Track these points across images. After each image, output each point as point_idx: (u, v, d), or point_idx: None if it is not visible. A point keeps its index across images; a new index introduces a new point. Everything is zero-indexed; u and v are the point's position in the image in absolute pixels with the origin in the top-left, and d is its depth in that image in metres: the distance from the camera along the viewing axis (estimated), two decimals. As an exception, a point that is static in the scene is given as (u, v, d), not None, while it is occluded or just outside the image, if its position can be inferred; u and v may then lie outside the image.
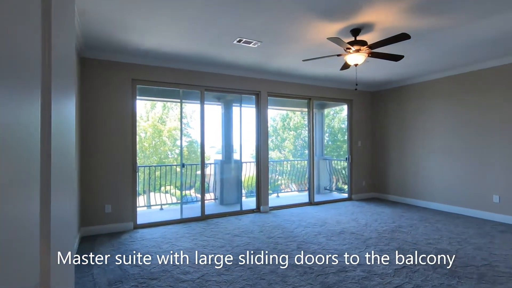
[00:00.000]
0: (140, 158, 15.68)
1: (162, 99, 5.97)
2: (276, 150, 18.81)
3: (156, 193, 7.62)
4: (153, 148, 16.19)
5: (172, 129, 16.43)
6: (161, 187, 8.74)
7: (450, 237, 3.74)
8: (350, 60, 3.21)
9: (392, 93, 6.16)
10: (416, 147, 5.66)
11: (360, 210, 5.28)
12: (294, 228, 4.18)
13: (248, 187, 7.39)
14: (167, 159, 16.46)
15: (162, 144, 16.27)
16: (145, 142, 15.86)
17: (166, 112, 16.94)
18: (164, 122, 16.33)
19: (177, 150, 16.63)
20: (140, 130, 15.91)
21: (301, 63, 4.52)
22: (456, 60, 4.42)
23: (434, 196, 5.35)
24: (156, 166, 9.07)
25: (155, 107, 16.58)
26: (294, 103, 7.61)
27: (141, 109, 16.51)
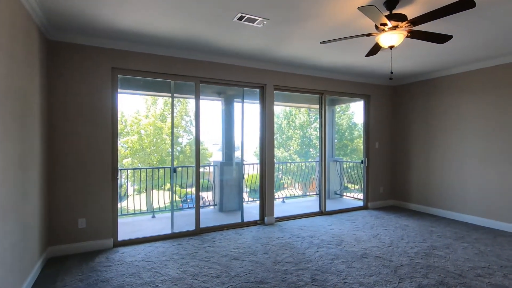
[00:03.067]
0: (140, 157, 15.08)
1: (150, 93, 5.27)
2: (281, 148, 18.12)
3: (148, 196, 6.98)
4: (154, 146, 15.59)
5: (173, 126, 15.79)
6: (153, 191, 8.09)
7: (502, 265, 3.01)
8: (384, 41, 2.47)
9: (417, 88, 5.39)
10: (445, 150, 4.90)
11: (380, 223, 4.55)
12: (306, 249, 3.47)
13: (250, 186, 6.72)
14: (168, 157, 15.86)
15: (163, 142, 15.65)
16: (146, 140, 15.26)
17: (168, 108, 16.29)
18: (166, 119, 15.71)
19: (179, 147, 16.01)
20: (140, 128, 15.30)
21: (315, 50, 3.78)
22: (507, 46, 3.64)
23: (466, 207, 4.60)
24: (147, 169, 8.39)
25: (156, 104, 15.96)
26: (301, 99, 6.89)
27: (141, 105, 15.87)
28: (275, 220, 4.65)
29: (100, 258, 3.19)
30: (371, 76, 5.36)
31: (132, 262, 3.07)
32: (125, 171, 7.09)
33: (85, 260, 3.13)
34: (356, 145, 17.05)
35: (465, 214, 4.60)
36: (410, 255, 3.25)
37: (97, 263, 3.04)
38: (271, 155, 4.61)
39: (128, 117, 15.22)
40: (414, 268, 2.92)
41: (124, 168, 12.34)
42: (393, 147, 5.85)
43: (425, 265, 3.00)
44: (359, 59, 4.22)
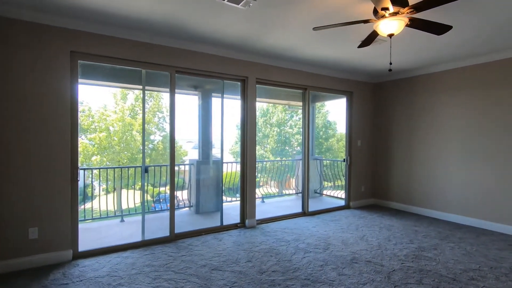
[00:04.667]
0: (109, 155, 14.16)
1: (119, 84, 4.74)
2: (258, 146, 17.90)
3: (118, 197, 6.42)
4: (124, 143, 14.70)
5: (145, 122, 14.95)
6: (122, 191, 7.49)
7: (491, 266, 2.94)
8: (384, 28, 2.25)
9: (399, 85, 5.33)
10: (428, 147, 4.87)
11: (364, 223, 4.42)
12: (292, 254, 3.21)
13: (228, 184, 6.39)
14: (139, 155, 15.06)
15: (133, 139, 14.79)
16: (115, 137, 14.35)
17: (139, 104, 15.46)
18: (137, 115, 14.87)
19: (151, 145, 15.25)
20: (108, 124, 14.36)
21: (301, 40, 3.52)
22: (494, 43, 3.60)
23: (448, 206, 4.59)
24: (115, 168, 7.79)
25: (126, 98, 15.06)
26: (281, 95, 6.63)
27: (110, 99, 14.88)
28: (257, 223, 4.36)
29: (55, 274, 2.71)
30: (355, 72, 5.22)
31: (95, 278, 2.63)
32: (92, 170, 6.45)
33: (37, 277, 2.64)
34: (331, 144, 17.25)
35: (447, 213, 4.60)
36: (400, 258, 3.10)
37: (51, 281, 2.57)
38: (253, 153, 4.31)
39: (96, 112, 14.23)
40: (407, 273, 2.76)
41: (87, 167, 11.44)
42: (375, 146, 5.78)
43: (417, 269, 2.86)
44: (344, 53, 4.03)
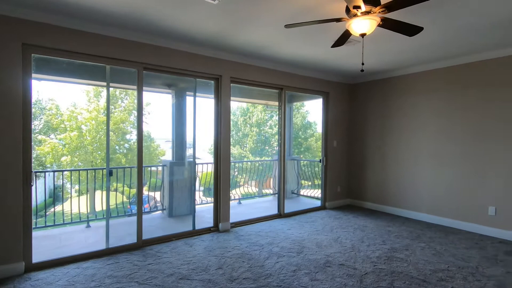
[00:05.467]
0: (81, 155, 13.48)
1: (80, 80, 4.43)
2: (237, 146, 17.74)
3: (91, 200, 6.05)
4: (97, 143, 14.06)
5: (119, 121, 14.40)
6: (88, 195, 7.10)
7: (459, 265, 2.98)
8: (356, 27, 2.19)
9: (373, 87, 5.39)
10: (401, 149, 4.95)
11: (339, 224, 4.41)
12: (265, 259, 3.12)
13: (205, 184, 6.22)
14: (115, 155, 14.50)
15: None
16: (88, 136, 13.68)
17: (115, 102, 14.84)
18: (112, 113, 14.26)
19: (127, 144, 14.72)
20: (80, 123, 13.66)
21: (275, 38, 3.43)
22: (465, 46, 3.67)
23: (420, 206, 4.69)
24: (73, 171, 7.37)
25: (100, 96, 14.41)
26: (258, 94, 6.55)
27: (83, 97, 14.20)
28: (231, 226, 4.24)
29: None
30: (331, 73, 5.22)
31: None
32: (62, 172, 6.04)
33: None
34: (310, 144, 17.43)
35: (419, 212, 4.69)
36: (373, 260, 3.09)
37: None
38: (227, 154, 4.18)
39: (66, 110, 13.50)
40: (378, 276, 2.74)
41: (41, 170, 10.77)
42: (350, 146, 5.82)
43: (389, 271, 2.85)
44: (320, 53, 3.98)
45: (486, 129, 3.95)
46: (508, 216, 3.76)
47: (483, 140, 3.98)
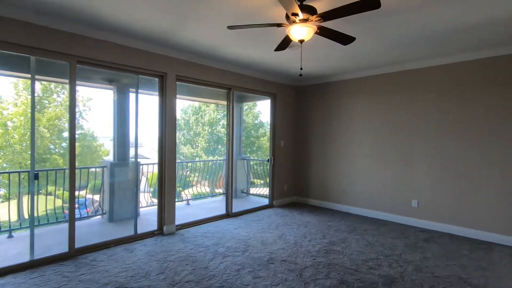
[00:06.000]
0: (5, 155, 11.85)
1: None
2: (188, 145, 17.29)
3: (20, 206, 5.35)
4: (27, 142, 12.49)
5: (54, 117, 13.00)
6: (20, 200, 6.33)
7: (386, 254, 3.31)
8: (295, 33, 2.29)
9: (317, 89, 5.69)
10: (340, 149, 5.32)
11: (284, 221, 4.58)
12: (210, 260, 3.10)
13: (153, 185, 5.95)
14: (49, 155, 13.07)
15: (40, 136, 12.70)
16: (15, 134, 12.08)
17: (48, 96, 13.37)
18: (46, 108, 12.79)
19: (64, 143, 13.36)
20: (5, 118, 12.01)
21: (221, 39, 3.42)
22: (395, 56, 4.08)
23: (357, 201, 5.09)
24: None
25: (29, 89, 12.81)
26: (209, 94, 6.48)
27: (10, 90, 12.52)
28: (177, 228, 4.12)
29: None
30: (278, 75, 5.38)
31: (-49, 317, 2.07)
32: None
33: None
34: (262, 143, 17.77)
35: (356, 207, 5.10)
36: (313, 254, 3.28)
37: None
38: (173, 154, 4.05)
39: (-14, 104, 11.77)
40: (317, 269, 2.91)
41: None
42: (296, 146, 6.07)
43: (327, 263, 3.05)
44: (267, 55, 4.08)
45: (411, 130, 4.45)
46: (427, 208, 4.28)
47: (408, 140, 4.48)
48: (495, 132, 3.71)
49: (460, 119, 3.99)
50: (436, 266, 3.00)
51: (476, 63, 3.84)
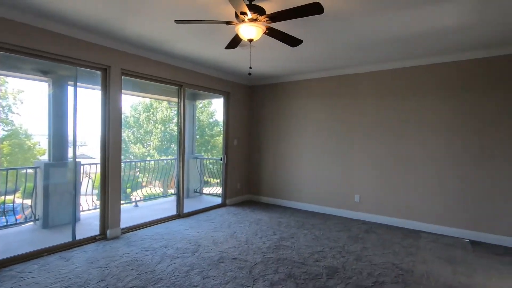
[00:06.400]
0: None
1: None
2: (138, 144, 16.39)
3: None
4: None
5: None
6: None
7: (331, 246, 3.52)
8: (244, 32, 2.30)
9: (270, 89, 5.81)
10: (290, 147, 5.51)
11: (237, 220, 4.60)
12: (157, 263, 2.98)
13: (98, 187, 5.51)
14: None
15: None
16: None
17: (-32, 86, 11.57)
18: (-37, 100, 11.07)
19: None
20: None
21: (170, 33, 3.30)
22: (339, 60, 4.34)
23: (306, 198, 5.33)
24: None
25: None
26: (160, 90, 6.22)
27: None
28: (122, 232, 3.88)
29: None
30: (231, 73, 5.37)
31: None
32: None
33: None
34: (217, 142, 17.61)
35: (305, 203, 5.33)
36: (263, 251, 3.34)
37: None
38: (118, 153, 3.80)
39: None
40: (266, 265, 2.98)
41: None
42: (249, 145, 6.13)
43: (276, 259, 3.13)
44: (219, 53, 4.05)
45: (354, 130, 4.78)
46: (368, 202, 4.65)
47: (351, 139, 4.81)
48: (424, 132, 4.17)
49: (395, 120, 4.40)
50: (374, 255, 3.27)
51: (410, 69, 4.27)
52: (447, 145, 4.01)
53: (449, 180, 3.99)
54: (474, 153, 3.83)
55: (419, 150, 4.21)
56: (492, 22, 2.81)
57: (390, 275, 2.79)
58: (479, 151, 3.80)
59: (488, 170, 3.73)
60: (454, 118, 3.96)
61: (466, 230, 3.87)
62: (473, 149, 3.84)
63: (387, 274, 2.81)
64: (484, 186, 3.76)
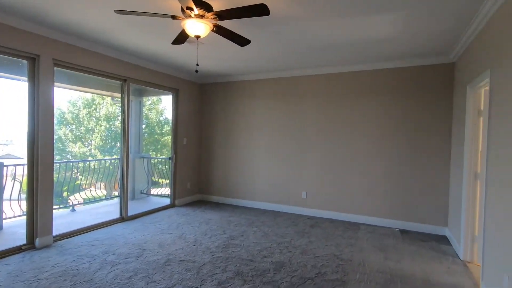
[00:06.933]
0: None
1: None
2: (78, 142, 14.97)
3: None
4: None
5: None
6: None
7: (278, 242, 3.64)
8: (190, 28, 2.25)
9: (221, 88, 5.77)
10: (240, 146, 5.55)
11: (186, 220, 4.48)
12: (96, 271, 2.76)
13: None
14: None
15: None
16: None
17: None
18: None
19: None
20: None
21: (112, 24, 3.07)
22: (287, 63, 4.48)
23: (256, 195, 5.41)
24: None
25: None
26: (104, 85, 5.77)
27: None
28: (55, 240, 3.51)
29: None
30: (180, 70, 5.20)
31: None
32: None
33: None
34: (168, 141, 16.92)
35: (256, 201, 5.41)
36: (212, 251, 3.31)
37: None
38: (50, 152, 3.42)
39: None
40: (214, 264, 2.96)
41: None
42: (200, 143, 6.02)
43: (224, 258, 3.13)
44: (167, 48, 3.89)
45: (300, 130, 5.00)
46: (314, 198, 4.90)
47: (298, 139, 5.02)
48: (360, 134, 4.54)
49: (337, 122, 4.71)
50: (318, 248, 3.46)
51: (347, 74, 4.61)
52: (380, 147, 4.42)
53: (383, 177, 4.41)
54: (402, 153, 4.28)
55: (358, 151, 4.57)
56: (418, 34, 3.17)
57: (332, 266, 2.98)
58: (405, 152, 4.26)
59: (412, 168, 4.21)
60: (385, 122, 4.38)
61: (397, 221, 4.32)
62: (401, 150, 4.29)
63: (329, 265, 2.99)
64: (410, 182, 4.23)
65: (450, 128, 4.00)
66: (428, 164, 4.13)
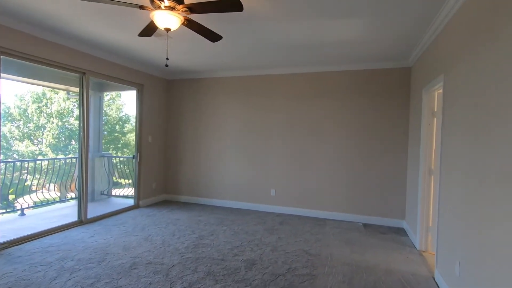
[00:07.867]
0: None
1: None
2: (26, 141, 13.64)
3: None
4: None
5: None
6: None
7: (249, 240, 3.64)
8: (159, 20, 2.14)
9: (189, 84, 5.62)
10: (209, 144, 5.46)
11: (152, 222, 4.30)
12: (52, 279, 2.53)
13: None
14: None
15: None
16: None
17: None
18: None
19: None
20: None
21: (70, 11, 2.84)
22: (257, 61, 4.48)
23: (225, 194, 5.36)
24: None
25: None
26: (58, 77, 5.32)
27: None
28: (1, 247, 3.16)
29: None
30: (147, 65, 4.97)
31: None
32: None
33: None
34: (130, 140, 16.12)
35: (225, 200, 5.36)
36: (181, 252, 3.21)
37: None
38: (-5, 151, 3.07)
39: None
40: (184, 266, 2.87)
41: None
42: (166, 141, 5.81)
43: (195, 258, 3.05)
44: (132, 40, 3.69)
45: (268, 128, 5.05)
46: (282, 195, 4.98)
47: (266, 137, 5.07)
48: (326, 133, 4.71)
49: (305, 121, 4.83)
50: (288, 244, 3.53)
51: (313, 74, 4.75)
52: (342, 146, 4.62)
53: (346, 175, 4.61)
54: (363, 151, 4.52)
55: (322, 150, 4.73)
56: (381, 39, 3.36)
57: (301, 261, 3.05)
58: (366, 151, 4.50)
59: (372, 166, 4.47)
60: (348, 122, 4.59)
61: (360, 215, 4.55)
62: (362, 149, 4.53)
63: (299, 260, 3.06)
64: (370, 180, 4.48)
65: (407, 128, 4.31)
66: (387, 162, 4.40)
